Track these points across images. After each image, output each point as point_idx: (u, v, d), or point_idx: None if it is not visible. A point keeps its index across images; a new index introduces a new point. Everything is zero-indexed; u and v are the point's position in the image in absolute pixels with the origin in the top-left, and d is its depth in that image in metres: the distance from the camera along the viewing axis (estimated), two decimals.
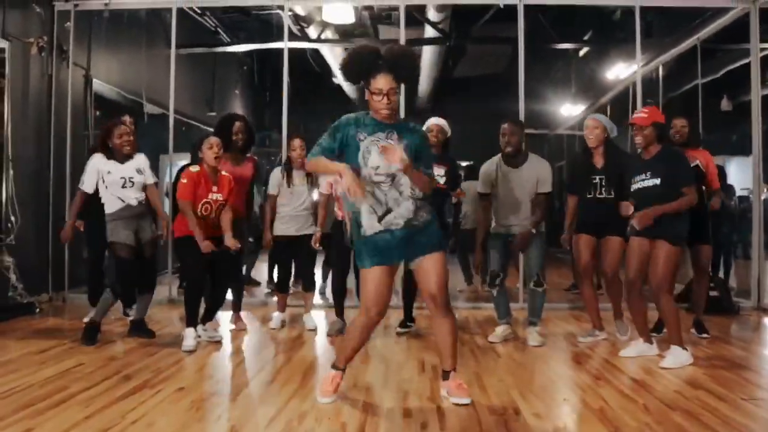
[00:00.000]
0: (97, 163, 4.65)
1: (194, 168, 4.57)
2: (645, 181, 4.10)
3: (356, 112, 3.26)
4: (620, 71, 9.73)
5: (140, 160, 4.75)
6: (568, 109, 12.53)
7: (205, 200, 4.50)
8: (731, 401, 3.26)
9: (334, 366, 3.40)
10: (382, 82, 3.10)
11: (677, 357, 4.00)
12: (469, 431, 2.84)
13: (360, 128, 3.17)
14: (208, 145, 4.49)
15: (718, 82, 8.52)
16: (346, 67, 3.20)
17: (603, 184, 4.64)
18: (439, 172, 4.74)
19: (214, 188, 4.54)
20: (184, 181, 4.50)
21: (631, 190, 4.21)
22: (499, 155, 4.79)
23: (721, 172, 6.03)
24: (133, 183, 4.67)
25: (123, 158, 4.67)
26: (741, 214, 9.14)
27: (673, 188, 4.02)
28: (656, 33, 8.37)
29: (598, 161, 4.69)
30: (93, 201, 4.77)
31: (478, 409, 3.15)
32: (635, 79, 6.88)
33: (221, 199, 4.56)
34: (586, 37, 10.37)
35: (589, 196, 4.71)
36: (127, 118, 5.36)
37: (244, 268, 6.63)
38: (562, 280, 8.04)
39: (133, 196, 4.68)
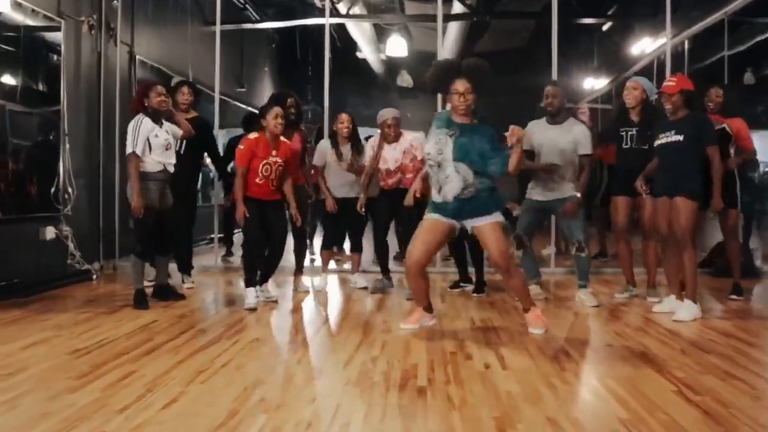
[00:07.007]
0: (146, 125, 4.79)
1: (253, 135, 4.86)
2: (669, 137, 4.38)
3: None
4: (645, 45, 9.89)
5: (166, 124, 4.96)
6: (591, 83, 12.69)
7: (265, 161, 4.80)
8: (761, 347, 3.57)
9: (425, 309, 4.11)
10: (459, 85, 3.82)
11: (689, 310, 4.29)
12: (529, 372, 3.16)
13: (437, 121, 3.97)
14: (273, 114, 4.81)
15: (743, 55, 8.70)
16: (431, 78, 4.04)
17: (636, 135, 4.88)
18: None
19: (274, 152, 4.85)
20: (242, 147, 4.82)
21: (655, 145, 4.51)
22: (544, 117, 5.08)
23: None
24: (170, 146, 4.93)
25: (158, 120, 4.87)
26: (762, 186, 9.32)
27: (695, 146, 4.30)
28: (683, 6, 8.51)
29: (634, 118, 4.93)
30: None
31: (533, 354, 3.47)
32: (660, 52, 7.07)
33: (280, 161, 4.89)
34: (610, 12, 10.52)
35: (625, 146, 4.96)
36: (185, 88, 5.70)
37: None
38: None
39: (171, 162, 4.94)
